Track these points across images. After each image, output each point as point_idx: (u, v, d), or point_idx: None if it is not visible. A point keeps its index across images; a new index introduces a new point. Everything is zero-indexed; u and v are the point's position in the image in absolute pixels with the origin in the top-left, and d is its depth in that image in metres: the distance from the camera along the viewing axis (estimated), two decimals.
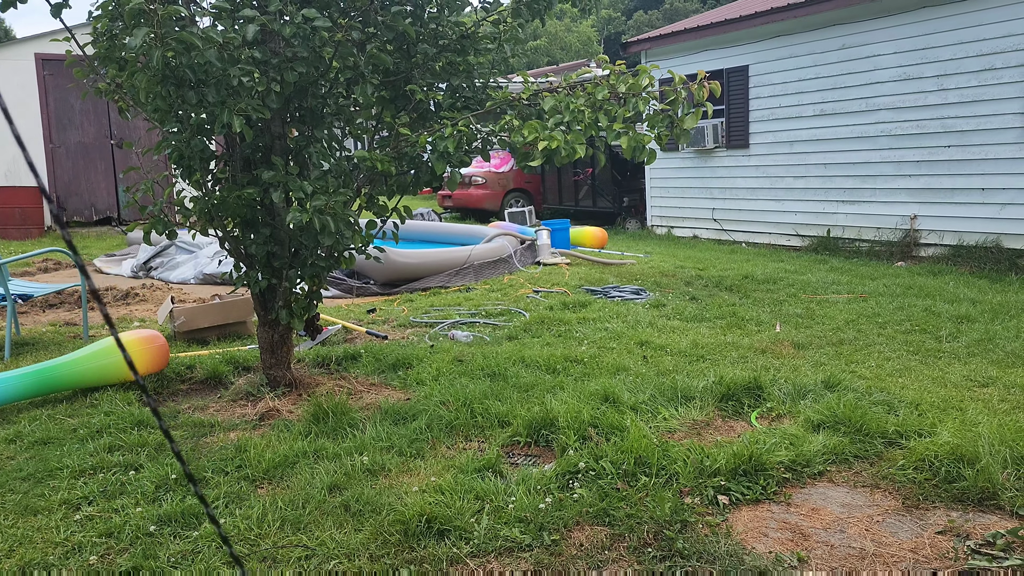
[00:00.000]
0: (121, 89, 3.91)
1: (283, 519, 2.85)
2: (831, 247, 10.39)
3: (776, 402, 4.00)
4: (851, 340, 5.42)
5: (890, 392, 4.12)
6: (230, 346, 5.44)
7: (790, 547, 2.65)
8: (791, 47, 10.83)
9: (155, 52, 3.26)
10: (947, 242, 9.23)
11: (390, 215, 4.32)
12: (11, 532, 2.81)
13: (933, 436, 3.38)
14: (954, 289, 7.22)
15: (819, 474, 3.20)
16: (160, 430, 0.50)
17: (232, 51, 3.54)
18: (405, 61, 4.17)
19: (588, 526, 2.79)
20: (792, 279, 7.95)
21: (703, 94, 3.55)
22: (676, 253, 10.52)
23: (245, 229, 4.12)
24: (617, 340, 5.47)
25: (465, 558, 2.59)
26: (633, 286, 7.65)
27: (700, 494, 2.99)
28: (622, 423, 3.59)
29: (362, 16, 3.92)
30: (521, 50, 4.49)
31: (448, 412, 3.90)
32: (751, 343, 5.33)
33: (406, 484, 3.13)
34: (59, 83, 13.32)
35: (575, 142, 3.49)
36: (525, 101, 3.85)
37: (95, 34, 3.76)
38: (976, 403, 3.95)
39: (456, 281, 8.28)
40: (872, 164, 9.97)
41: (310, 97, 4.00)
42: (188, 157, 3.88)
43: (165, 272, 8.83)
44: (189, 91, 3.61)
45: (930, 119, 9.28)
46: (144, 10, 3.25)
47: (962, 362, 4.81)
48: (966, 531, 2.72)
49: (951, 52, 9.00)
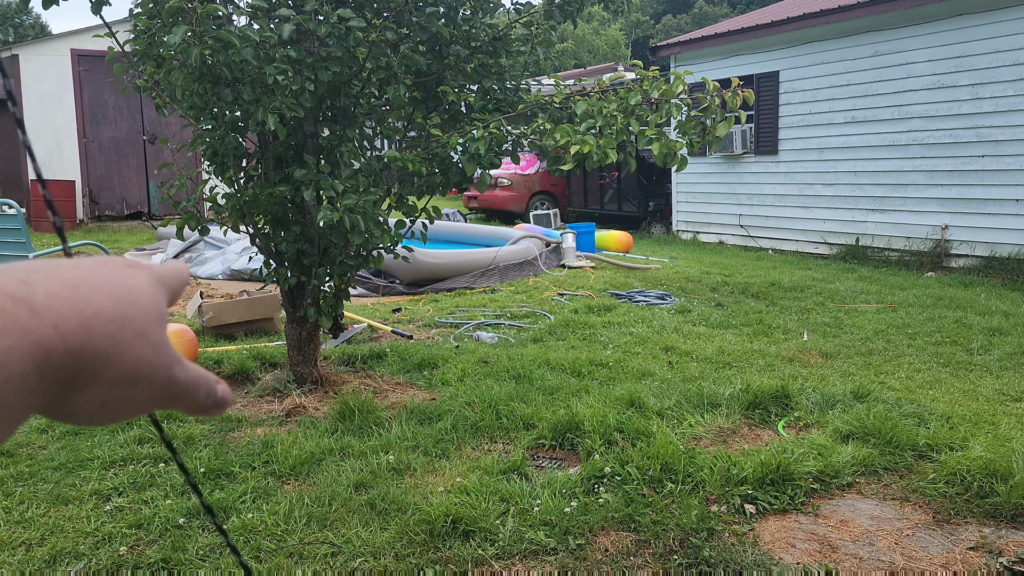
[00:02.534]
0: (158, 86, 3.96)
1: (309, 516, 2.87)
2: (860, 256, 10.28)
3: (804, 411, 3.97)
4: (880, 350, 5.35)
5: (920, 404, 4.07)
6: (257, 342, 5.48)
7: (818, 559, 2.62)
8: (823, 53, 10.73)
9: (193, 50, 3.30)
10: (979, 253, 9.10)
11: (419, 215, 4.34)
12: (43, 521, 2.85)
13: (965, 450, 3.33)
14: (986, 301, 7.11)
15: (848, 485, 3.16)
16: (176, 465, 0.50)
17: (268, 50, 3.57)
18: (437, 62, 4.18)
19: (613, 531, 2.78)
20: (820, 287, 7.87)
21: (736, 101, 3.53)
22: (702, 258, 10.46)
23: (276, 226, 4.16)
24: (642, 345, 5.45)
25: (490, 560, 2.59)
26: (658, 291, 7.61)
27: (727, 502, 2.97)
28: (648, 428, 3.57)
29: (396, 17, 3.94)
30: (552, 53, 4.49)
31: (473, 413, 3.91)
32: (778, 351, 5.28)
33: (431, 484, 3.14)
34: (94, 78, 13.51)
35: (607, 147, 3.48)
36: (557, 104, 3.85)
37: (134, 31, 3.81)
38: (1009, 418, 3.89)
39: (481, 282, 8.29)
40: (903, 173, 9.85)
41: (343, 96, 4.03)
42: (222, 154, 3.92)
43: (194, 267, 8.92)
44: (225, 89, 3.65)
45: (963, 128, 9.15)
46: (183, 8, 3.29)
47: (994, 375, 4.74)
48: (999, 547, 2.68)
49: (986, 60, 8.87)
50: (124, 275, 0.40)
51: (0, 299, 0.35)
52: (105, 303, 0.38)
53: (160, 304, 0.41)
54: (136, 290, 0.40)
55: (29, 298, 0.35)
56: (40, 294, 0.36)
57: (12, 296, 0.35)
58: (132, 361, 0.38)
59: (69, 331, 0.36)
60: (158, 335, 0.40)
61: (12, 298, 0.35)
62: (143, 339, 0.39)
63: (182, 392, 0.41)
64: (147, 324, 0.39)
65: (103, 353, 0.37)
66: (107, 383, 0.38)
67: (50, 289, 0.37)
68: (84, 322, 0.37)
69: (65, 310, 0.36)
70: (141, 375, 0.39)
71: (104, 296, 0.38)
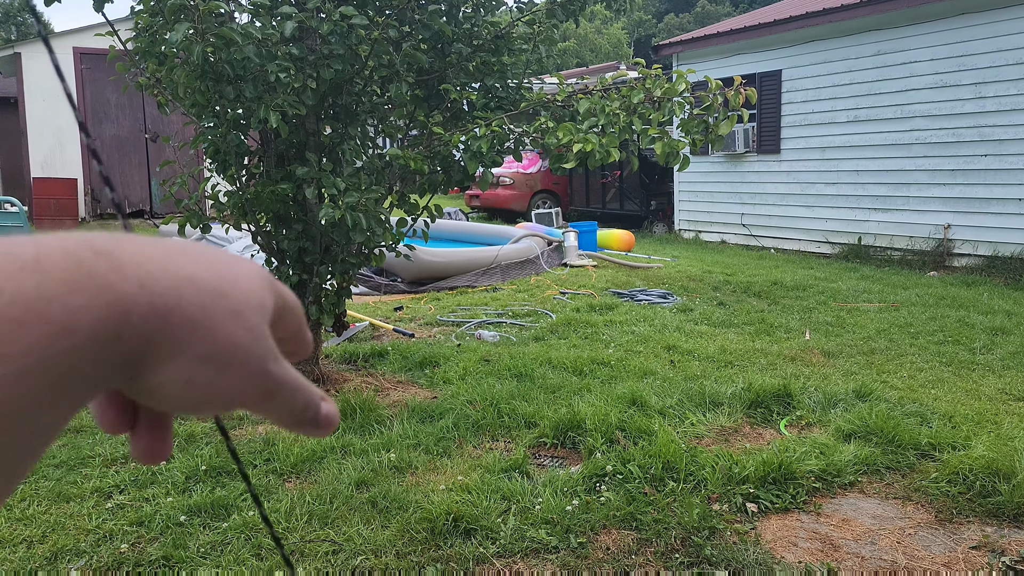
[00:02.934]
0: (160, 84, 3.96)
1: (311, 513, 2.87)
2: (862, 255, 10.26)
3: (806, 410, 3.96)
4: (882, 350, 5.35)
5: (923, 403, 4.06)
6: None
7: (820, 557, 2.62)
8: (825, 52, 10.71)
9: (195, 47, 3.30)
10: (981, 252, 9.08)
11: (421, 213, 4.34)
12: (44, 518, 2.85)
13: (967, 449, 3.32)
14: (988, 300, 7.10)
15: (850, 484, 3.16)
16: (240, 474, 0.49)
17: (270, 47, 3.57)
18: (440, 60, 4.18)
19: (615, 530, 2.77)
20: (822, 286, 7.86)
21: (739, 100, 3.53)
22: (704, 258, 10.45)
23: (278, 224, 4.16)
24: (644, 344, 5.45)
25: (491, 558, 2.59)
26: (660, 290, 7.61)
27: (728, 501, 2.97)
28: (650, 427, 3.57)
29: (398, 14, 3.94)
30: (554, 51, 4.48)
31: (475, 411, 3.90)
32: (780, 350, 5.28)
33: (433, 482, 3.14)
34: (96, 77, 13.52)
35: (609, 145, 3.48)
36: (559, 103, 3.84)
37: (136, 29, 3.81)
38: (1012, 417, 3.88)
39: (483, 281, 8.29)
40: (906, 172, 9.83)
41: (345, 94, 4.02)
42: (224, 152, 3.92)
43: None
44: (227, 86, 3.65)
45: (966, 127, 9.13)
46: (185, 6, 3.29)
47: (997, 375, 4.73)
48: (1001, 547, 2.67)
49: (989, 60, 8.85)
50: (231, 258, 0.37)
51: (81, 250, 0.31)
52: (202, 271, 0.34)
53: (264, 296, 0.37)
54: (240, 273, 0.36)
55: (115, 253, 0.32)
56: (128, 251, 0.32)
57: (95, 249, 0.32)
58: (223, 339, 0.34)
59: (156, 291, 0.32)
60: (256, 321, 0.36)
61: (94, 251, 0.32)
62: (238, 319, 0.35)
63: (275, 391, 0.37)
64: (245, 306, 0.35)
65: (192, 321, 0.33)
66: (193, 359, 0.33)
67: (141, 249, 0.33)
68: (175, 285, 0.33)
69: (154, 269, 0.33)
70: (232, 358, 0.34)
71: (202, 266, 0.34)
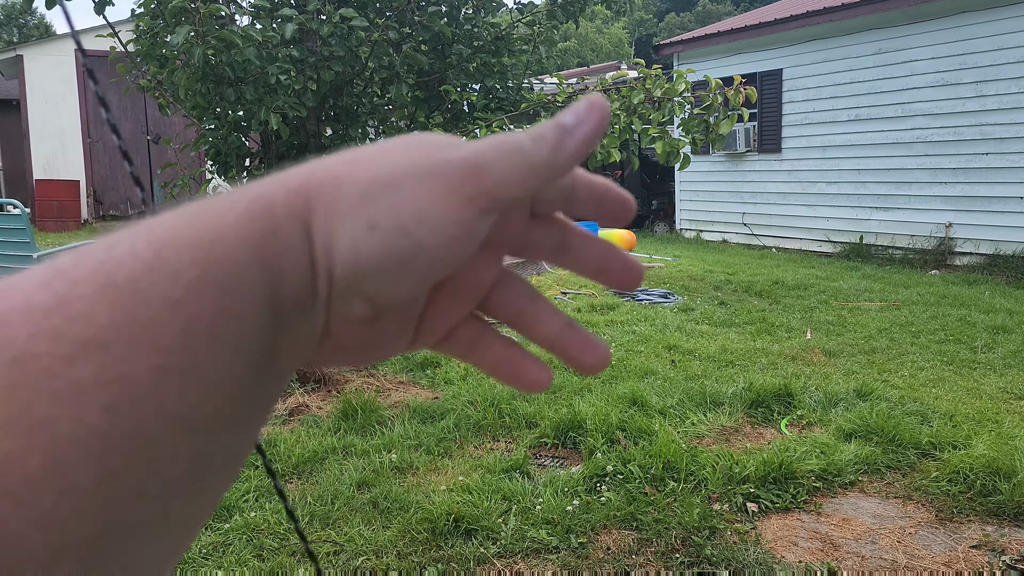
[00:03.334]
0: (161, 86, 3.97)
1: (312, 514, 2.88)
2: (863, 254, 10.26)
3: (807, 410, 3.96)
4: (884, 349, 5.35)
5: (924, 403, 4.07)
6: None
7: (820, 557, 2.62)
8: (826, 51, 10.71)
9: (196, 50, 3.31)
10: (983, 251, 9.08)
11: None
12: None
13: (968, 448, 3.32)
14: (990, 299, 7.09)
15: (850, 484, 3.16)
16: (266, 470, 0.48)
17: (271, 49, 3.58)
18: (440, 61, 4.19)
19: (615, 530, 2.78)
20: (823, 286, 7.86)
21: (739, 99, 3.53)
22: (705, 257, 10.45)
23: None
24: (645, 344, 5.45)
25: (492, 558, 2.59)
26: (661, 290, 7.61)
27: (729, 501, 2.97)
28: (650, 427, 3.58)
29: (398, 16, 3.95)
30: (554, 52, 4.49)
31: (476, 412, 3.91)
32: (781, 350, 5.28)
33: (434, 483, 3.15)
34: (98, 79, 13.52)
35: (610, 146, 3.49)
36: (560, 103, 3.85)
37: (137, 31, 3.82)
38: (1013, 416, 3.88)
39: None
40: (907, 171, 9.83)
41: (345, 96, 4.04)
42: (225, 154, 3.93)
43: None
44: (228, 88, 3.66)
45: (967, 126, 9.12)
46: (186, 8, 3.30)
47: (998, 374, 4.73)
48: (1001, 546, 2.68)
49: (990, 58, 8.84)
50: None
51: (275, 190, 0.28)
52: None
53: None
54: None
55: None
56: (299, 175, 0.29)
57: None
58: (370, 172, 0.29)
59: (289, 179, 0.29)
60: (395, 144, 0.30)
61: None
62: (379, 151, 0.29)
63: (481, 168, 0.28)
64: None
65: (333, 177, 0.29)
66: (355, 205, 0.28)
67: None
68: (307, 169, 0.29)
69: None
70: (395, 168, 0.28)
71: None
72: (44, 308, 0.23)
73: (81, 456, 0.22)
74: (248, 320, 0.25)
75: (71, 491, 0.21)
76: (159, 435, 0.23)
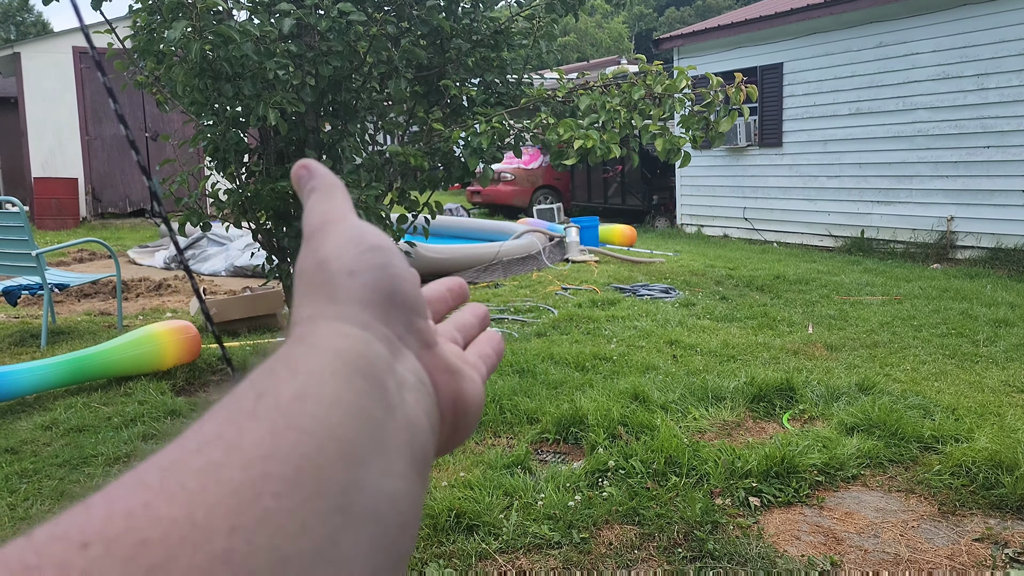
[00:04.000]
0: (159, 82, 3.95)
1: None
2: (865, 248, 10.24)
3: (808, 404, 3.95)
4: (885, 343, 5.33)
5: (926, 396, 4.05)
6: (260, 338, 5.48)
7: (823, 551, 2.61)
8: (827, 45, 10.68)
9: (193, 45, 3.29)
10: (984, 244, 9.06)
11: (421, 210, 4.33)
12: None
13: (970, 442, 3.31)
14: (992, 293, 7.08)
15: (853, 478, 3.15)
16: None
17: (268, 44, 3.56)
18: (439, 56, 4.16)
19: (617, 525, 2.77)
20: (825, 280, 7.85)
21: (740, 97, 3.51)
22: (706, 252, 10.44)
23: (278, 222, 4.15)
24: (646, 339, 5.44)
25: (494, 554, 2.59)
26: (662, 285, 7.60)
27: (731, 495, 2.96)
28: (652, 422, 3.57)
29: (397, 10, 3.93)
30: (554, 46, 4.47)
31: None
32: (783, 344, 5.26)
33: (435, 479, 3.14)
34: (96, 76, 13.48)
35: (610, 141, 3.47)
36: (560, 98, 3.83)
37: (134, 27, 3.80)
38: (1015, 409, 3.87)
39: (484, 277, 8.28)
40: (908, 164, 9.80)
41: (344, 91, 4.01)
42: (223, 150, 3.91)
43: (196, 264, 8.93)
44: (226, 84, 3.64)
45: (969, 119, 9.10)
46: (183, 3, 3.28)
47: (1000, 367, 4.72)
48: (1004, 539, 2.67)
49: (991, 51, 8.81)
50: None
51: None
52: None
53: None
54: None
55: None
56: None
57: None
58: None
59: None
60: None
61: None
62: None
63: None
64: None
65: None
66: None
67: None
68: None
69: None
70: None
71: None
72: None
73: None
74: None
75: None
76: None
